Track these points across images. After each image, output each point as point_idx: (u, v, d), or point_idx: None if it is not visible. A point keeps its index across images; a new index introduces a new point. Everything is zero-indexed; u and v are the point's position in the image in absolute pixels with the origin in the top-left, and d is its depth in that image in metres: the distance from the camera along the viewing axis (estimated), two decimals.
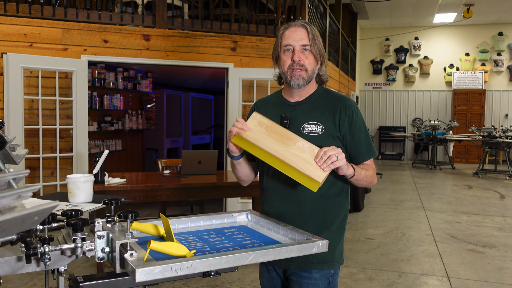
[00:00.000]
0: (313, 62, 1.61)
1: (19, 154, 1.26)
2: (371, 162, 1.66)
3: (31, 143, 4.30)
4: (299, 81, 1.59)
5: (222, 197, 4.36)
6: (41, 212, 0.78)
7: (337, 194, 1.64)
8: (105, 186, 3.23)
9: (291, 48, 1.59)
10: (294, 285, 1.63)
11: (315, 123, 1.60)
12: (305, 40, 1.58)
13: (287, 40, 1.60)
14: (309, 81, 1.62)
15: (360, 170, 1.56)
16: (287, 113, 1.65)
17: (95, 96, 6.52)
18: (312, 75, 1.62)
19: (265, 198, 1.71)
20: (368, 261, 3.95)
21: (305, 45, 1.59)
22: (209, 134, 10.66)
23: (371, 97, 13.22)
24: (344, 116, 1.60)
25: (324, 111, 1.62)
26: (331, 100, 1.65)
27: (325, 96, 1.67)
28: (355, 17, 11.80)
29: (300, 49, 1.59)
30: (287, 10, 5.67)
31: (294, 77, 1.59)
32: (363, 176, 1.57)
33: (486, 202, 6.72)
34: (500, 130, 9.70)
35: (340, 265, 1.66)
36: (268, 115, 1.64)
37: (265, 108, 1.73)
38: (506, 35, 12.16)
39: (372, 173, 1.62)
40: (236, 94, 5.05)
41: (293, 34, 1.59)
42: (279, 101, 1.71)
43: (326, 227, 1.61)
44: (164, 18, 4.84)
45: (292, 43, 1.59)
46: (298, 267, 1.61)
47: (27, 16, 4.31)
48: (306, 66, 1.59)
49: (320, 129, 1.59)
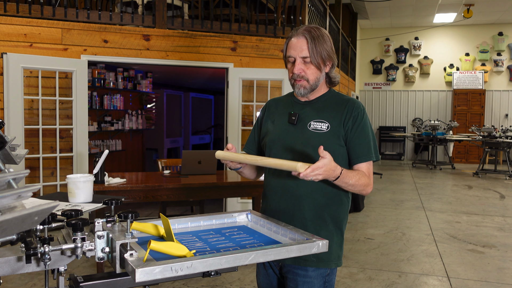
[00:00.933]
0: (314, 72, 1.63)
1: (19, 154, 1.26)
2: (368, 169, 1.62)
3: (31, 143, 4.30)
4: (301, 91, 1.65)
5: (222, 197, 4.36)
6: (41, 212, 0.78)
7: (337, 193, 1.65)
8: (105, 186, 3.23)
9: (293, 60, 1.64)
10: (290, 282, 1.64)
11: (322, 121, 1.63)
12: (305, 51, 1.60)
13: (289, 51, 1.64)
14: (313, 89, 1.66)
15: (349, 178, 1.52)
16: (296, 110, 1.70)
17: (95, 96, 6.52)
18: (316, 83, 1.65)
19: (266, 193, 1.75)
20: (368, 261, 3.95)
21: (305, 57, 1.61)
22: (209, 134, 10.66)
23: (371, 97, 13.22)
24: (349, 117, 1.62)
25: (332, 111, 1.65)
26: (340, 101, 1.68)
27: (334, 98, 1.70)
28: (355, 17, 11.80)
29: (301, 61, 1.62)
30: (287, 10, 5.67)
31: (296, 86, 1.65)
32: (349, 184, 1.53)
33: (486, 202, 6.72)
34: (500, 130, 9.70)
35: (337, 266, 1.66)
36: (278, 112, 1.75)
37: (276, 107, 1.80)
38: (506, 35, 12.16)
39: (364, 182, 1.58)
40: (236, 94, 5.05)
41: (294, 45, 1.63)
42: (290, 100, 1.76)
43: (324, 225, 1.63)
44: (164, 18, 4.84)
45: (293, 55, 1.63)
46: (294, 263, 1.62)
47: (27, 16, 4.31)
48: (307, 76, 1.63)
49: (326, 127, 1.62)
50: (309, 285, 1.61)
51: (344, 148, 1.63)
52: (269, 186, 1.72)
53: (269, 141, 1.72)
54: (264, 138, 1.77)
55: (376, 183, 8.32)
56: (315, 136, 1.60)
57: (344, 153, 1.63)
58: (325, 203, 1.63)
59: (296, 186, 1.63)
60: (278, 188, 1.67)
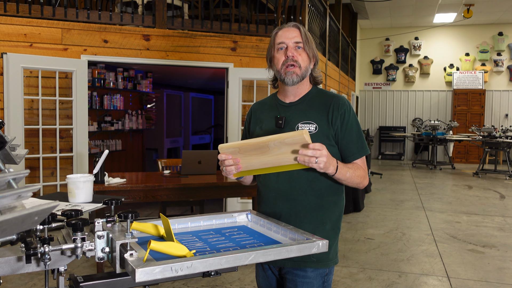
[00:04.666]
0: (306, 60, 1.64)
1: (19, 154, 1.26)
2: (362, 162, 1.64)
3: (31, 143, 4.30)
4: (293, 78, 1.62)
5: (222, 197, 4.36)
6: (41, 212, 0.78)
7: (332, 193, 1.65)
8: (105, 186, 3.23)
9: (284, 46, 1.63)
10: (289, 283, 1.64)
11: (309, 122, 1.61)
12: (298, 38, 1.62)
13: (280, 39, 1.63)
14: (303, 78, 1.64)
15: (346, 170, 1.53)
16: (282, 113, 1.67)
17: (95, 96, 6.52)
18: (306, 72, 1.65)
19: (261, 198, 1.73)
20: (368, 261, 3.95)
21: (298, 42, 1.62)
22: (209, 134, 10.66)
23: (371, 97, 13.22)
24: (337, 114, 1.61)
25: (318, 110, 1.63)
26: (325, 99, 1.66)
27: (319, 96, 1.68)
28: (355, 17, 11.80)
29: (294, 46, 1.62)
30: (287, 10, 5.67)
31: (288, 73, 1.62)
32: (348, 177, 1.55)
33: (486, 202, 6.72)
34: (500, 130, 9.70)
35: (334, 264, 1.67)
36: (264, 116, 1.71)
37: (261, 110, 1.77)
38: (506, 35, 12.16)
39: (361, 174, 1.60)
40: (236, 94, 5.05)
41: (286, 33, 1.63)
42: (274, 103, 1.73)
43: (321, 226, 1.62)
44: (164, 18, 4.84)
45: (285, 41, 1.62)
46: (294, 265, 1.62)
47: (27, 16, 4.31)
48: (299, 62, 1.62)
49: (314, 128, 1.60)
50: (308, 285, 1.61)
51: (336, 147, 1.62)
52: (264, 190, 1.70)
53: None
54: None
55: (376, 183, 8.32)
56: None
57: (336, 153, 1.62)
58: (320, 205, 1.62)
59: (290, 189, 1.62)
60: (272, 192, 1.66)
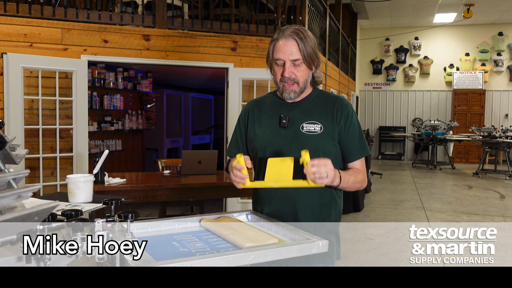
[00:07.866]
0: (305, 73, 1.61)
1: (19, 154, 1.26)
2: (361, 165, 1.65)
3: (31, 143, 4.30)
4: (291, 95, 1.62)
5: (222, 197, 4.36)
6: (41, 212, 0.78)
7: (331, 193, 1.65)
8: (105, 186, 3.23)
9: (282, 63, 1.59)
10: None
11: (314, 122, 1.61)
12: (295, 54, 1.57)
13: (278, 54, 1.59)
14: (302, 92, 1.64)
15: (348, 177, 1.56)
16: (285, 112, 1.65)
17: (95, 96, 6.52)
18: (305, 84, 1.63)
19: (261, 198, 1.72)
20: (368, 261, 3.95)
21: (295, 60, 1.58)
22: (209, 134, 10.66)
23: (371, 97, 13.21)
24: (341, 115, 1.62)
25: (321, 110, 1.63)
26: (328, 100, 1.66)
27: (321, 97, 1.68)
28: (355, 17, 11.79)
29: (291, 64, 1.58)
30: (287, 10, 5.67)
31: (286, 92, 1.61)
32: (350, 184, 1.57)
33: (486, 202, 6.71)
34: (500, 130, 9.70)
35: (337, 259, 1.67)
36: (265, 115, 1.68)
37: (259, 109, 1.74)
38: (506, 35, 12.16)
39: (361, 178, 1.63)
40: (236, 94, 5.05)
41: (283, 47, 1.58)
42: (275, 101, 1.71)
43: (321, 226, 1.62)
44: (164, 18, 4.84)
45: (283, 57, 1.58)
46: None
47: (27, 16, 4.31)
48: (297, 79, 1.60)
49: (319, 128, 1.60)
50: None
51: (338, 148, 1.63)
52: (264, 190, 1.69)
53: (260, 146, 1.68)
54: (252, 142, 1.73)
55: (376, 183, 8.32)
56: (309, 139, 1.58)
57: (338, 153, 1.63)
58: (319, 205, 1.63)
59: (290, 189, 1.61)
60: (272, 193, 1.65)
